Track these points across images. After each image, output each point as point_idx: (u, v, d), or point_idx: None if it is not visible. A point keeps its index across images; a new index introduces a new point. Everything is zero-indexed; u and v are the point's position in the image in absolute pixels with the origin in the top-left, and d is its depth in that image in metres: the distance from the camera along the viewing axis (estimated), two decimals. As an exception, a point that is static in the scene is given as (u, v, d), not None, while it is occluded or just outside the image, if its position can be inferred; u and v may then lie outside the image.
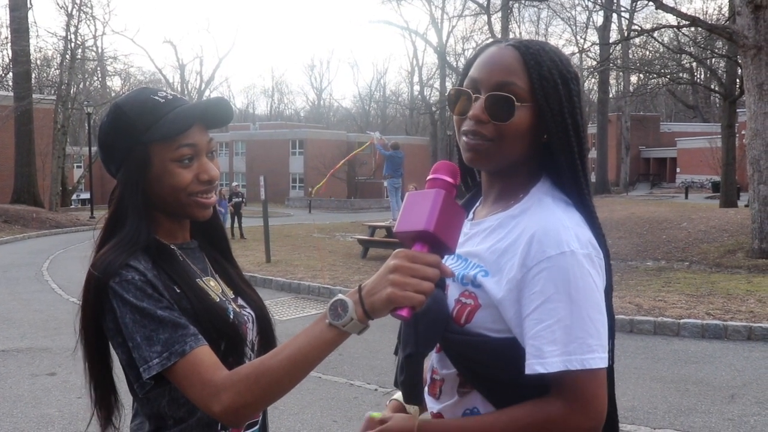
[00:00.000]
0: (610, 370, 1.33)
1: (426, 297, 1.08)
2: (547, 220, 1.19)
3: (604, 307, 1.17)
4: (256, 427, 1.43)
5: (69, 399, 5.22)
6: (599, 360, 1.13)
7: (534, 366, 1.13)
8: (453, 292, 1.28)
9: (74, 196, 39.89)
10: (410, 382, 1.25)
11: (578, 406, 1.13)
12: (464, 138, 1.27)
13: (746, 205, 18.03)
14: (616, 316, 1.33)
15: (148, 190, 1.34)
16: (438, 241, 1.09)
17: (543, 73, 1.23)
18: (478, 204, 1.42)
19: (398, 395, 1.56)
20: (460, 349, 1.24)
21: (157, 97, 1.34)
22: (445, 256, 1.32)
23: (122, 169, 1.34)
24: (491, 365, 1.22)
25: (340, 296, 1.12)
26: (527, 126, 1.23)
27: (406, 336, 1.23)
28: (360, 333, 1.13)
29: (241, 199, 19.19)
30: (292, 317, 8.42)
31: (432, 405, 1.35)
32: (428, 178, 1.17)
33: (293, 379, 1.15)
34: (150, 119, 1.31)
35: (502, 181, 1.31)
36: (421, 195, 1.14)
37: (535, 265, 1.16)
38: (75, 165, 44.49)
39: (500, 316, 1.19)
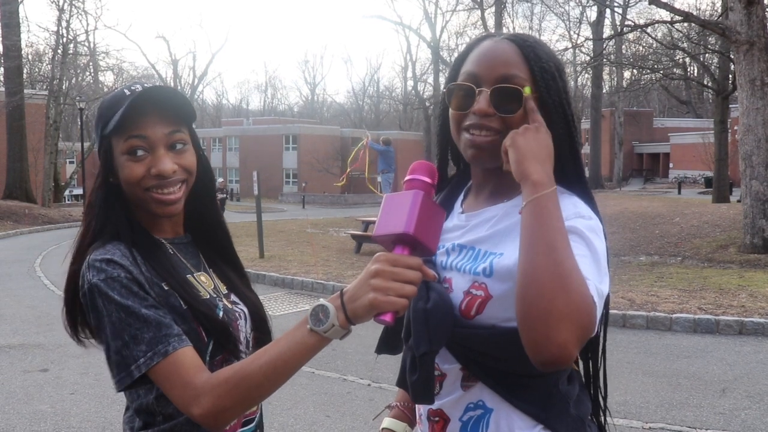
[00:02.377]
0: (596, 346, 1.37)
1: (409, 301, 1.07)
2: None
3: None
4: (253, 424, 1.42)
5: (62, 395, 5.20)
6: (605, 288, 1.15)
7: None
8: (461, 285, 1.25)
9: (67, 192, 39.67)
10: (424, 381, 1.23)
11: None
12: (467, 134, 1.26)
13: (738, 201, 18.11)
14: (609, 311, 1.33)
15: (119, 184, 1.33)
16: (418, 243, 1.08)
17: (543, 65, 1.24)
18: (462, 197, 1.42)
19: (400, 398, 1.55)
20: (470, 343, 1.23)
21: (126, 90, 1.30)
22: (449, 249, 1.32)
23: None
24: (501, 356, 1.21)
25: (322, 301, 1.10)
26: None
27: (418, 334, 1.21)
28: (342, 338, 1.12)
29: (224, 195, 19.12)
30: (286, 312, 8.42)
31: None
32: (405, 179, 1.15)
33: (273, 384, 1.14)
34: (111, 112, 1.28)
35: (498, 175, 1.29)
36: (399, 197, 1.11)
37: None
38: (67, 161, 44.33)
39: (511, 304, 1.17)
